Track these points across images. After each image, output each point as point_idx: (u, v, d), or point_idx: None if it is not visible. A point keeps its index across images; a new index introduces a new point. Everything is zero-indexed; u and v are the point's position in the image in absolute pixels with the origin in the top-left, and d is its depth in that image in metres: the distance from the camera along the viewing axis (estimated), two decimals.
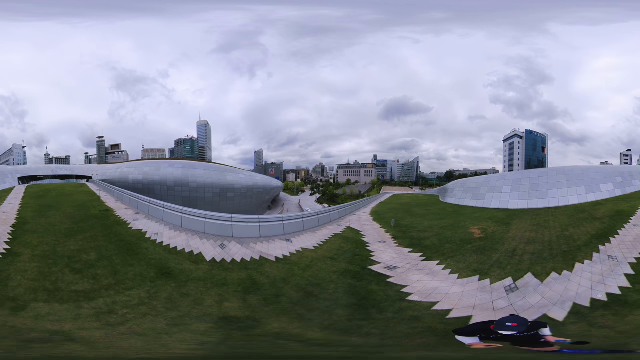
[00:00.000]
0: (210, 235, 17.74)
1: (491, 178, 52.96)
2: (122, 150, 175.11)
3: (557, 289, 9.42)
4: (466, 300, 8.99)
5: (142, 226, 19.40)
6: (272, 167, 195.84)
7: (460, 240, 17.35)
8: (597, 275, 10.00)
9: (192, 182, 58.50)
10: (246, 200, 64.02)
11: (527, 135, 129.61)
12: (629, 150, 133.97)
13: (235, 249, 16.04)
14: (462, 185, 55.18)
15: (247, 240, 17.55)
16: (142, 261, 13.89)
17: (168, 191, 58.38)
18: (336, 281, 12.86)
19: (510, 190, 42.85)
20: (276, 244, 17.70)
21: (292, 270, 13.88)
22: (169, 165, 62.22)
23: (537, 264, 12.02)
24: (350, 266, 14.40)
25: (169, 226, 19.53)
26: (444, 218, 29.41)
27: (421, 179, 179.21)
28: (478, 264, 12.75)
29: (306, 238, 19.54)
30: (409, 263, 13.87)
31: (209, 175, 60.02)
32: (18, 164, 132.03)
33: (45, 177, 71.03)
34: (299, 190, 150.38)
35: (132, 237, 17.06)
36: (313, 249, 17.12)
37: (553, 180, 41.73)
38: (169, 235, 17.65)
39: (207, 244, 16.36)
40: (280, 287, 12.26)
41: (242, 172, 70.09)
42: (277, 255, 15.62)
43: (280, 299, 11.39)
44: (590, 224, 19.48)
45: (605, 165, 60.21)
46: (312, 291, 12.09)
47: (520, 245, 15.46)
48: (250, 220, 19.28)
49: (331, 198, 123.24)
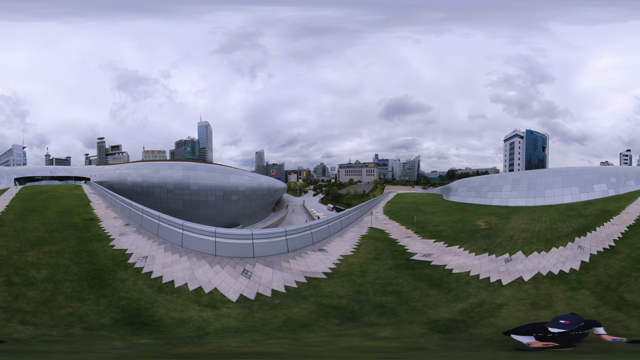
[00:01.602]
0: (224, 259, 14.32)
1: (493, 177, 58.08)
2: (123, 151, 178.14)
3: (534, 262, 14.13)
4: (483, 268, 13.77)
5: (128, 244, 16.09)
6: (274, 168, 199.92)
7: (470, 230, 22.25)
8: (563, 257, 14.54)
9: (193, 184, 56.55)
10: (250, 203, 62.70)
11: (527, 135, 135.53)
12: (629, 150, 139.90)
13: (266, 274, 13.34)
14: (465, 185, 60.16)
15: (274, 259, 15.04)
16: (104, 298, 10.55)
17: (168, 194, 56.97)
18: (398, 275, 13.89)
19: (510, 189, 47.76)
20: (311, 257, 16.11)
21: (354, 281, 13.45)
22: (168, 166, 60.34)
23: (526, 246, 16.95)
24: (397, 261, 16.01)
25: (165, 245, 16.00)
26: (452, 214, 34.34)
27: (423, 177, 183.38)
28: (486, 245, 17.61)
29: (338, 244, 19.06)
30: (438, 250, 17.63)
31: (211, 177, 58.29)
32: (18, 165, 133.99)
33: (43, 178, 71.25)
34: (301, 191, 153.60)
35: (107, 261, 13.81)
36: (352, 254, 17.12)
37: (549, 180, 46.60)
38: (163, 260, 14.16)
39: (222, 273, 13.00)
40: (363, 301, 11.62)
41: (246, 173, 69.14)
42: (322, 270, 14.32)
43: (384, 309, 11.00)
44: (576, 220, 23.93)
45: (600, 167, 65.21)
46: (392, 290, 12.52)
47: (516, 233, 20.51)
48: (275, 234, 16.41)
49: (335, 198, 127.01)
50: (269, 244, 15.87)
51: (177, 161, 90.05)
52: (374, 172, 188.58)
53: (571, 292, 10.34)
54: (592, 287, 10.58)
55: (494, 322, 8.88)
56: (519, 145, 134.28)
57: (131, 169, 61.84)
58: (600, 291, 10.14)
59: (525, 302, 9.96)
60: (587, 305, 9.27)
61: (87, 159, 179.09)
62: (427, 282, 12.71)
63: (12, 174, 66.52)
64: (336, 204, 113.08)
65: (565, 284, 11.06)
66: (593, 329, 6.52)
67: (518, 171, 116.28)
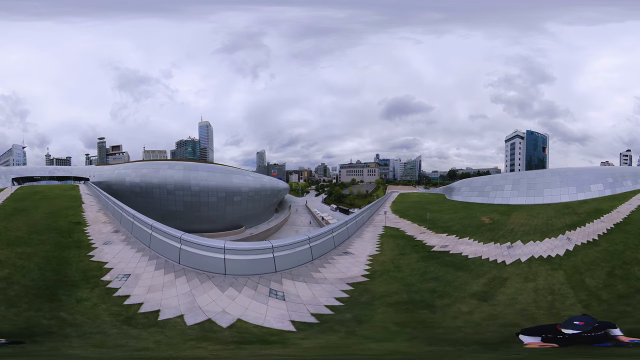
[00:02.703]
0: (239, 279, 12.06)
1: (494, 178, 61.75)
2: (123, 151, 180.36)
3: (529, 249, 17.40)
4: (491, 253, 17.01)
5: (111, 257, 14.41)
6: (275, 168, 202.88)
7: (476, 225, 25.80)
8: (552, 246, 17.72)
9: (194, 185, 55.29)
10: (253, 204, 61.86)
11: (528, 136, 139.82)
12: (629, 151, 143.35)
13: (302, 290, 11.78)
14: (468, 184, 63.69)
15: (301, 270, 13.74)
16: (39, 313, 9.39)
17: (168, 195, 55.50)
18: (428, 265, 15.66)
19: (511, 189, 51.26)
20: (340, 262, 15.55)
21: (395, 277, 14.08)
22: (168, 166, 58.89)
23: (524, 237, 20.29)
24: (420, 253, 17.87)
25: (158, 261, 13.74)
26: (458, 212, 37.80)
27: (424, 177, 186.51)
28: (491, 237, 20.95)
29: (360, 245, 19.45)
30: (452, 242, 20.38)
31: (213, 177, 57.17)
32: (18, 164, 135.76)
33: (42, 178, 72.03)
34: (303, 191, 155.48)
35: (77, 273, 12.40)
36: (379, 253, 17.89)
37: (548, 180, 50.11)
38: (151, 280, 11.87)
39: (241, 299, 10.72)
40: (417, 291, 12.56)
41: (248, 173, 68.37)
42: (360, 273, 14.07)
43: (437, 293, 12.07)
44: (569, 217, 27.19)
45: (597, 167, 68.54)
46: (431, 277, 13.98)
47: (516, 227, 24.02)
48: (298, 243, 14.87)
49: (338, 198, 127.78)
50: (293, 255, 14.27)
51: (178, 161, 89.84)
52: (375, 172, 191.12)
53: (551, 271, 13.49)
54: (566, 269, 13.63)
55: (504, 290, 11.99)
56: (519, 145, 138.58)
57: (130, 169, 60.69)
58: (571, 273, 13.14)
59: (521, 277, 13.30)
60: (557, 282, 12.25)
61: (88, 159, 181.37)
62: (452, 267, 15.32)
63: (10, 174, 67.28)
64: (339, 204, 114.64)
65: (549, 265, 14.28)
66: (608, 330, 6.45)
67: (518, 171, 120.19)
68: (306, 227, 67.68)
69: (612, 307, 9.38)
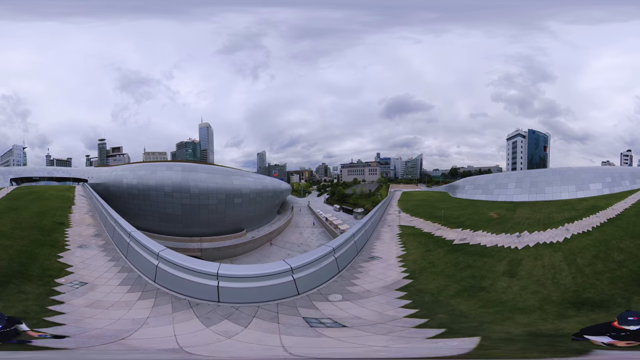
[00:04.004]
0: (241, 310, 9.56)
1: (498, 176, 65.54)
2: (124, 153, 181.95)
3: (535, 237, 20.99)
4: (504, 241, 20.38)
5: (79, 261, 14.43)
6: (276, 169, 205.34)
7: (486, 220, 29.54)
8: (553, 235, 21.39)
9: (193, 187, 53.73)
10: (255, 206, 60.54)
11: (529, 135, 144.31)
12: (629, 151, 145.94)
13: (352, 309, 10.28)
14: (472, 182, 67.31)
15: (331, 287, 12.15)
16: None
17: (165, 198, 53.90)
18: (457, 256, 17.69)
19: (514, 187, 54.92)
20: (372, 269, 15.01)
21: (434, 272, 15.41)
22: (166, 168, 57.38)
23: (529, 228, 23.96)
24: (444, 248, 20.17)
25: (127, 275, 12.65)
26: (465, 209, 41.39)
27: (426, 176, 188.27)
28: (501, 229, 24.55)
29: (383, 248, 20.07)
30: (468, 235, 23.65)
31: (212, 179, 55.57)
32: (18, 165, 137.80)
33: (41, 179, 72.59)
34: (305, 192, 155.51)
35: (38, 270, 13.14)
36: (406, 252, 19.08)
37: (549, 179, 53.83)
38: (104, 295, 10.84)
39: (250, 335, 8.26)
40: (460, 279, 13.94)
41: (249, 174, 67.35)
42: (400, 277, 14.33)
43: (477, 277, 14.00)
44: (568, 212, 30.80)
45: (597, 167, 72.12)
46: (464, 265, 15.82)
47: (522, 220, 27.85)
48: (321, 257, 12.96)
49: (341, 198, 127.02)
50: (318, 273, 12.21)
51: (176, 162, 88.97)
52: (376, 171, 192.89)
53: (553, 252, 16.98)
54: (564, 252, 17.11)
55: (522, 268, 15.20)
56: (521, 144, 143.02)
57: (127, 171, 59.62)
58: (567, 254, 16.57)
59: (531, 257, 16.76)
60: (557, 260, 15.72)
61: (88, 160, 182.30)
62: (477, 255, 18.05)
63: (8, 174, 67.99)
64: (342, 204, 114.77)
65: (551, 249, 17.87)
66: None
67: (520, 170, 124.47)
68: (310, 229, 68.55)
69: (589, 279, 12.66)
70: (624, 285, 10.96)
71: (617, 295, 10.27)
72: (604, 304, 9.75)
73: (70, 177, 75.46)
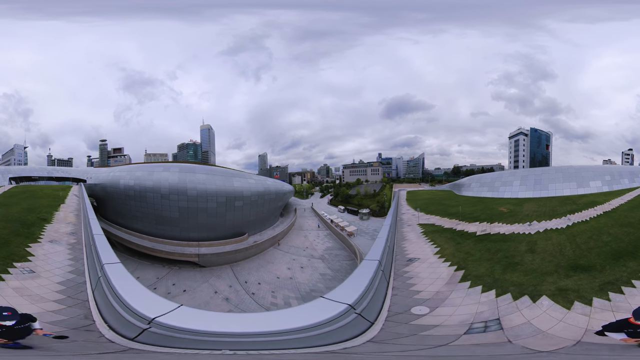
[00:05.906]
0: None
1: (503, 174, 69.85)
2: (125, 154, 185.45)
3: (543, 225, 25.27)
4: (519, 229, 24.49)
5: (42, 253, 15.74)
6: (277, 171, 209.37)
7: (498, 214, 33.89)
8: (558, 223, 25.63)
9: (190, 189, 52.04)
10: (257, 209, 59.07)
11: (531, 133, 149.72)
12: (630, 150, 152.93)
13: (447, 312, 10.62)
14: (478, 180, 71.48)
15: (398, 307, 11.24)
16: None
17: (162, 200, 52.28)
18: (486, 245, 20.41)
19: (519, 184, 59.58)
20: (418, 270, 16.10)
21: (475, 262, 17.14)
22: (163, 168, 55.93)
23: (537, 218, 28.40)
24: (471, 239, 22.88)
25: (73, 278, 12.82)
26: (475, 205, 45.59)
27: (428, 175, 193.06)
28: (514, 220, 28.89)
29: (414, 248, 21.69)
30: (486, 227, 26.83)
31: (211, 180, 53.89)
32: (19, 164, 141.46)
33: (40, 179, 73.95)
34: (308, 193, 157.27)
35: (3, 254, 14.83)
36: (439, 249, 20.95)
37: (552, 176, 58.52)
38: (37, 290, 11.26)
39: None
40: (499, 263, 16.14)
41: (250, 176, 65.06)
42: (451, 271, 15.54)
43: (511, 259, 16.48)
44: (570, 206, 35.12)
45: (597, 165, 76.18)
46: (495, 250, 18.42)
47: (530, 213, 32.42)
48: (372, 275, 11.41)
49: (345, 199, 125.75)
50: (377, 295, 11.03)
51: (174, 163, 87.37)
52: (378, 171, 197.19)
53: (559, 235, 21.26)
54: (567, 234, 21.29)
55: (537, 246, 19.20)
56: (523, 142, 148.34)
57: (124, 172, 59.17)
58: (569, 236, 20.79)
59: (543, 239, 20.94)
60: (562, 240, 19.81)
61: (89, 160, 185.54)
62: (500, 241, 21.38)
63: (7, 174, 69.46)
64: (347, 205, 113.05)
65: (557, 233, 22.24)
66: None
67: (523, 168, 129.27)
68: (315, 231, 67.63)
69: (583, 252, 16.81)
70: (605, 257, 15.05)
71: (598, 264, 14.17)
72: (589, 268, 13.92)
73: (70, 177, 76.49)
